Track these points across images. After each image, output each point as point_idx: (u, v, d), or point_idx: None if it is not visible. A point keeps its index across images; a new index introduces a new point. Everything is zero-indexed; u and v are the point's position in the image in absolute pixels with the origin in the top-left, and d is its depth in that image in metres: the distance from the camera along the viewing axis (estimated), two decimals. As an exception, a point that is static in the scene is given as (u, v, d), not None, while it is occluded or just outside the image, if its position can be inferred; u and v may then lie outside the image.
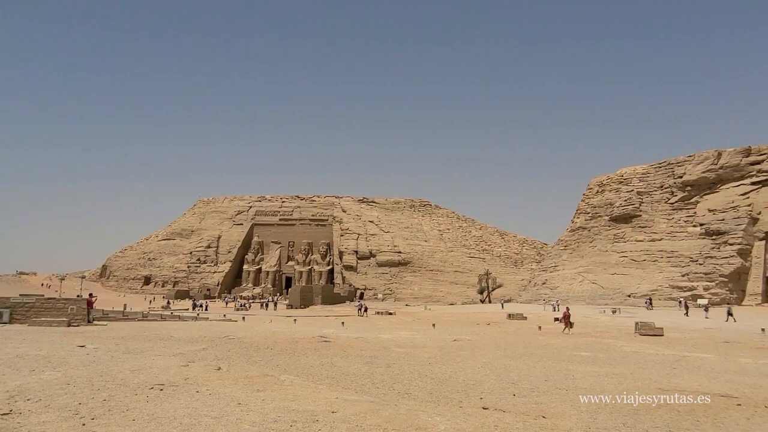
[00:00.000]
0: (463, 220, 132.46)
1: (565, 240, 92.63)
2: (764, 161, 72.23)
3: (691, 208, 76.54)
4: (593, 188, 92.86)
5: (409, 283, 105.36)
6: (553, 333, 34.22)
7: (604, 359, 21.54)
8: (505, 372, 17.71)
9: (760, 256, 66.00)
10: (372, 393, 13.75)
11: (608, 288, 73.75)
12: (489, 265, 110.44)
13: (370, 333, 33.17)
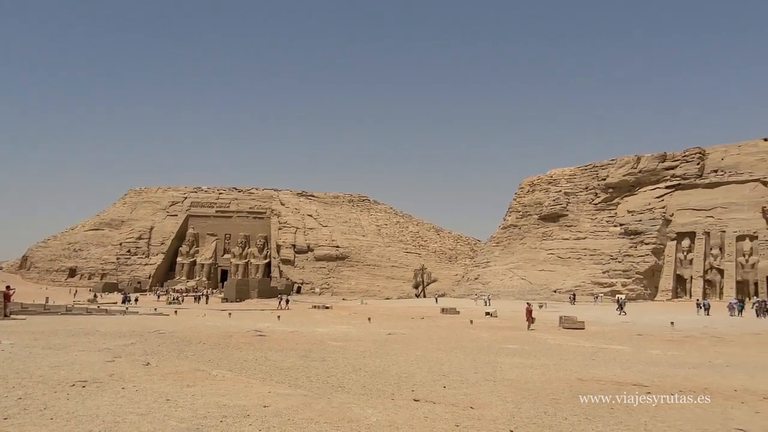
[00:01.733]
0: (401, 215, 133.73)
1: (497, 237, 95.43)
2: (678, 167, 77.16)
3: (612, 208, 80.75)
4: (525, 188, 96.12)
5: (347, 277, 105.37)
6: (484, 326, 35.19)
7: (530, 351, 22.36)
8: (437, 365, 18.04)
9: (672, 255, 70.52)
10: (306, 387, 13.67)
11: (536, 283, 76.62)
12: (425, 260, 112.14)
13: (306, 327, 32.93)
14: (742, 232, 66.38)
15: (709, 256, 68.04)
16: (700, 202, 72.41)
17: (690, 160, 76.39)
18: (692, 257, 69.05)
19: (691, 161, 76.27)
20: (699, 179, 74.64)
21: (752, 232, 65.70)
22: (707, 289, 66.30)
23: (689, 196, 73.97)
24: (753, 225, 66.28)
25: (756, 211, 66.74)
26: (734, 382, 15.21)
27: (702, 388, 14.20)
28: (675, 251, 70.49)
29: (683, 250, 70.19)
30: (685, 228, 71.05)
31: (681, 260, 70.09)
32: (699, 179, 74.64)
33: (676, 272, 69.71)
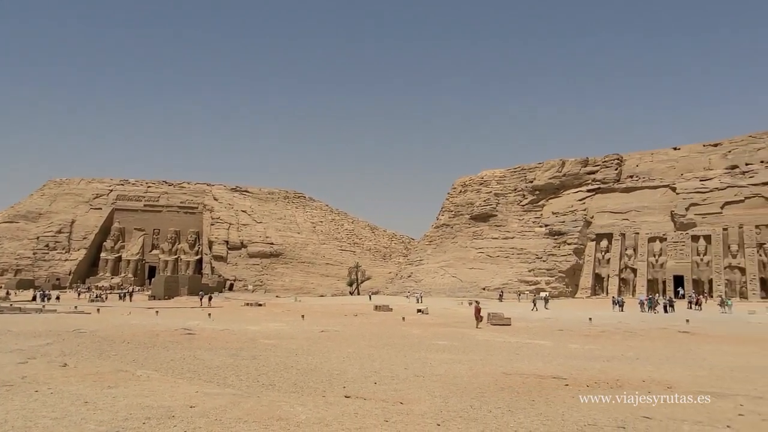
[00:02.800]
0: (336, 213, 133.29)
1: (430, 236, 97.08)
2: (598, 171, 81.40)
3: (538, 210, 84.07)
4: (457, 188, 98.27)
5: (281, 274, 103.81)
6: (416, 323, 35.71)
7: (459, 347, 22.92)
8: (368, 361, 18.14)
9: (591, 254, 74.32)
10: (235, 386, 13.38)
11: (466, 281, 78.56)
12: (359, 258, 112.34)
13: (238, 325, 32.21)
14: (653, 234, 70.92)
15: (624, 256, 72.20)
16: (617, 205, 76.73)
17: (609, 166, 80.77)
18: (609, 257, 73.04)
19: (610, 167, 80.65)
20: (617, 184, 79.07)
21: (662, 234, 70.34)
22: (622, 287, 70.33)
23: (608, 200, 78.22)
24: (663, 228, 70.97)
25: (666, 214, 71.52)
26: (642, 373, 16.25)
27: (614, 379, 15.07)
28: (594, 251, 74.34)
29: (601, 250, 74.13)
30: (604, 229, 75.06)
31: (599, 260, 73.99)
32: (617, 184, 79.07)
33: (595, 271, 73.53)
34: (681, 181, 72.87)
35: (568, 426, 10.05)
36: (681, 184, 72.35)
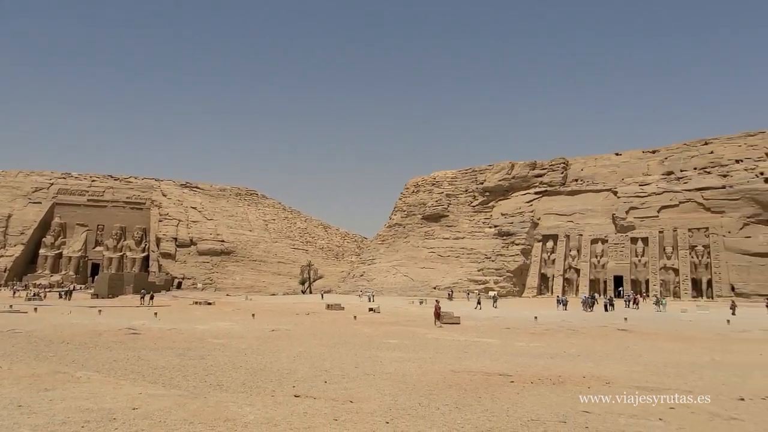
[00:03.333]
0: (289, 211, 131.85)
1: (383, 235, 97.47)
2: (545, 174, 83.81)
3: (488, 211, 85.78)
4: (410, 188, 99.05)
5: (231, 272, 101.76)
6: (367, 322, 35.74)
7: (410, 345, 23.10)
8: (319, 360, 18.04)
9: (538, 255, 76.46)
10: (181, 386, 13.02)
11: (418, 280, 79.28)
12: (312, 256, 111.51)
13: (186, 324, 31.37)
14: (596, 236, 73.66)
15: (569, 257, 74.65)
16: (563, 207, 79.26)
17: (555, 169, 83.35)
18: (554, 258, 75.34)
19: (556, 170, 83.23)
20: (562, 187, 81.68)
21: (604, 236, 73.15)
22: (566, 287, 72.71)
23: (554, 202, 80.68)
24: (604, 230, 73.81)
25: (607, 217, 74.42)
26: (583, 369, 16.84)
27: (557, 375, 15.55)
28: (541, 252, 76.53)
29: (547, 250, 76.38)
30: (550, 231, 77.38)
31: (545, 260, 76.22)
32: (562, 187, 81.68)
33: (541, 271, 75.71)
34: (622, 185, 75.97)
35: (513, 421, 10.30)
36: (622, 188, 75.42)
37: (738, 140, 71.80)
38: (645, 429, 9.83)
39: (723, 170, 69.33)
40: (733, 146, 71.42)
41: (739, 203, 65.48)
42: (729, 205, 66.04)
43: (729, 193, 66.39)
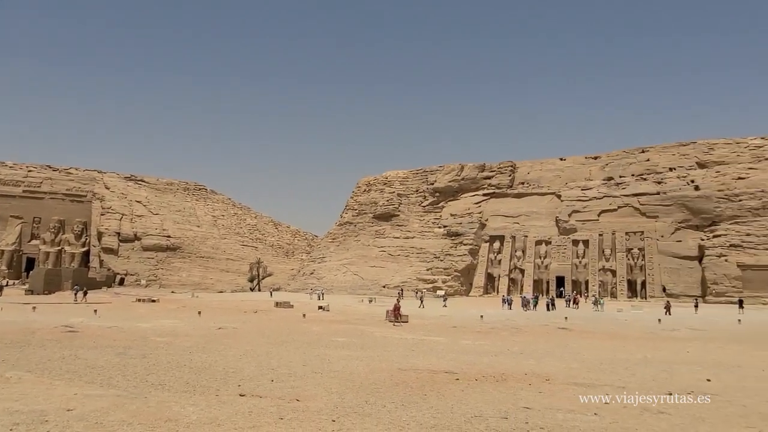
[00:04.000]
0: (239, 207, 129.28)
1: (334, 233, 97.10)
2: (494, 176, 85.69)
3: (438, 211, 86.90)
4: (362, 187, 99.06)
5: (177, 269, 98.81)
6: (317, 320, 35.52)
7: (358, 344, 23.11)
8: (266, 359, 17.78)
9: (485, 255, 78.11)
10: (121, 386, 12.54)
11: (367, 279, 79.44)
12: (261, 253, 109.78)
13: (127, 322, 30.26)
14: (540, 237, 75.96)
15: (514, 258, 76.63)
16: (510, 209, 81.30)
17: (503, 172, 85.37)
18: (501, 258, 77.18)
19: (504, 173, 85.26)
20: (510, 189, 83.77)
21: (547, 238, 75.52)
22: (511, 287, 74.61)
23: (501, 204, 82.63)
24: (548, 232, 76.21)
25: (551, 220, 76.87)
26: (525, 366, 17.32)
27: (500, 373, 15.93)
28: (488, 252, 78.21)
29: (494, 251, 78.14)
30: (497, 232, 79.20)
31: (492, 260, 77.94)
32: (510, 189, 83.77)
33: (488, 271, 77.38)
34: (565, 189, 78.60)
35: (457, 418, 10.48)
36: (565, 192, 78.04)
37: (672, 149, 75.61)
38: (581, 423, 10.21)
39: (658, 177, 72.88)
40: (668, 155, 75.15)
41: (671, 209, 69.01)
42: (662, 210, 69.51)
43: (662, 199, 69.87)
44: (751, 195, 64.14)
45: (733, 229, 63.44)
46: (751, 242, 61.45)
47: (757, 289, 59.06)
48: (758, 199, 63.49)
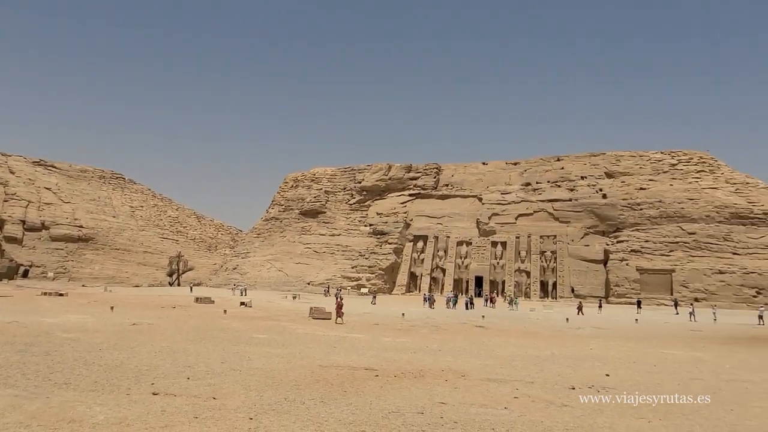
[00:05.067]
0: (159, 198, 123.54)
1: (259, 228, 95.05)
2: (420, 177, 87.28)
3: (364, 210, 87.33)
4: (289, 182, 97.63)
5: (90, 261, 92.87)
6: (238, 316, 34.61)
7: (279, 341, 22.76)
8: (183, 356, 17.12)
9: (409, 254, 79.40)
10: (20, 386, 11.63)
11: (292, 276, 78.45)
12: (182, 247, 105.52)
13: (31, 316, 28.06)
14: (461, 238, 78.30)
15: (436, 257, 78.52)
16: (434, 210, 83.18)
17: (429, 174, 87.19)
18: (424, 257, 78.80)
19: (429, 174, 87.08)
20: (434, 191, 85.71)
21: (468, 239, 77.98)
22: (432, 285, 76.38)
23: (425, 205, 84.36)
24: (469, 233, 78.71)
25: (472, 221, 79.44)
26: (443, 363, 17.79)
27: (418, 369, 16.26)
28: (411, 251, 79.59)
29: (417, 250, 79.65)
30: (421, 232, 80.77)
31: (415, 259, 79.41)
32: (434, 191, 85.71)
33: (411, 269, 78.75)
34: (486, 192, 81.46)
35: (375, 414, 10.59)
36: (486, 195, 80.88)
37: (584, 159, 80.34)
38: (492, 417, 10.63)
39: (571, 185, 77.19)
40: (580, 164, 79.78)
41: (581, 215, 73.33)
42: (574, 216, 73.71)
43: (574, 205, 74.11)
44: (651, 204, 69.39)
45: (634, 236, 68.35)
46: (649, 248, 66.49)
47: (652, 291, 64.00)
48: (656, 209, 68.79)
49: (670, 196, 68.93)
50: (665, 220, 67.71)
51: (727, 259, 62.20)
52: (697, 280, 62.07)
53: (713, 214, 65.51)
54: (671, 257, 64.74)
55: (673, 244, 65.59)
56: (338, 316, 32.87)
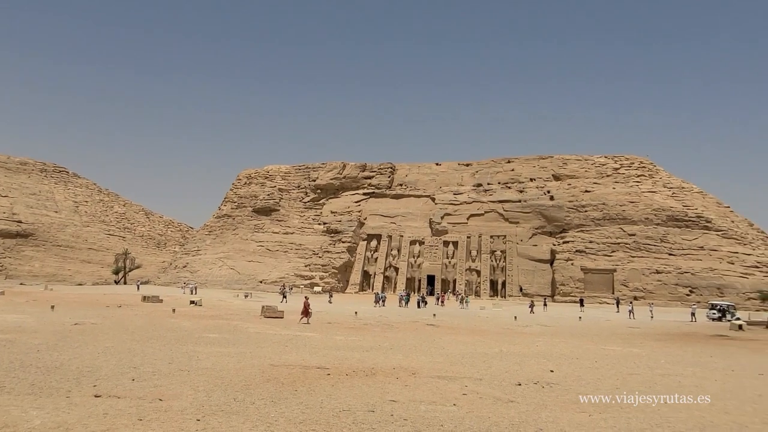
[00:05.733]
0: (106, 194, 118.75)
1: (211, 225, 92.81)
2: (374, 177, 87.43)
3: (319, 208, 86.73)
4: (242, 179, 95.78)
5: (29, 258, 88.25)
6: (187, 315, 33.69)
7: (230, 340, 22.30)
8: (128, 356, 16.53)
9: (362, 253, 79.43)
10: (-52, 390, 10.92)
11: (244, 274, 77.03)
12: (130, 244, 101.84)
13: (-39, 316, 26.40)
14: (414, 237, 78.97)
15: (389, 256, 78.87)
16: (387, 209, 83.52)
17: (383, 173, 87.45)
18: (377, 256, 78.99)
19: (384, 174, 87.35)
20: (388, 190, 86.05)
21: (421, 238, 78.74)
22: (385, 284, 76.69)
23: (380, 204, 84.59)
24: (422, 232, 79.48)
25: (425, 221, 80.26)
26: (394, 361, 17.89)
27: (370, 367, 16.30)
28: (365, 250, 79.63)
29: (371, 249, 79.77)
30: (374, 231, 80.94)
31: (368, 258, 79.51)
32: (388, 190, 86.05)
33: (364, 268, 78.79)
34: (439, 192, 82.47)
35: (326, 412, 10.54)
36: (439, 195, 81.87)
37: (533, 161, 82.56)
38: (441, 414, 10.78)
39: (520, 186, 79.18)
40: (529, 166, 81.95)
41: (530, 216, 75.33)
42: (523, 217, 75.64)
43: (523, 206, 76.05)
44: (594, 207, 72.06)
45: (579, 237, 70.78)
46: (593, 248, 69.04)
47: (595, 290, 66.48)
48: (600, 211, 71.49)
49: (613, 199, 71.79)
50: (608, 221, 70.46)
51: (664, 259, 65.33)
52: (636, 280, 64.89)
53: (652, 216, 68.67)
54: (613, 257, 67.43)
55: (614, 245, 68.33)
56: (305, 316, 31.96)
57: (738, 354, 23.91)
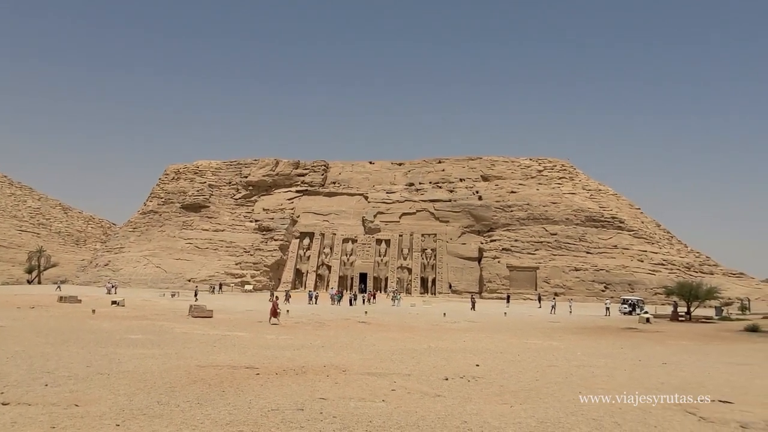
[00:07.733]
0: (18, 187, 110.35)
1: (135, 222, 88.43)
2: (307, 174, 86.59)
3: (251, 205, 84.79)
4: (170, 174, 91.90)
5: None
6: (108, 316, 31.95)
7: (155, 341, 21.40)
8: (41, 360, 15.49)
9: (295, 251, 78.49)
10: None
11: (171, 272, 74.03)
12: (45, 241, 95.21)
13: None
14: (347, 236, 78.97)
15: (322, 254, 78.41)
16: (321, 207, 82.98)
17: (317, 171, 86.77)
18: (310, 254, 78.30)
19: (317, 171, 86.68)
20: (321, 188, 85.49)
21: (354, 236, 78.85)
22: (318, 282, 76.18)
23: (313, 202, 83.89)
24: (355, 231, 79.61)
25: (358, 219, 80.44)
26: (325, 359, 17.86)
27: (300, 366, 16.18)
28: (297, 248, 78.69)
29: (304, 247, 78.95)
30: (307, 228, 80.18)
31: (301, 256, 78.64)
32: (321, 188, 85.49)
33: (296, 266, 77.86)
34: (372, 191, 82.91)
35: (254, 412, 10.37)
36: (372, 194, 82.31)
37: (463, 162, 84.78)
38: (370, 410, 10.89)
39: (450, 186, 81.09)
40: (459, 167, 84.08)
41: (459, 215, 77.33)
42: (452, 216, 77.52)
43: (453, 206, 77.95)
44: (520, 207, 75.05)
45: (505, 235, 73.45)
46: (518, 247, 71.88)
47: (520, 287, 69.26)
48: (524, 211, 74.54)
49: (537, 199, 75.07)
50: (532, 221, 73.60)
51: (582, 257, 69.12)
52: (557, 277, 68.22)
53: (572, 217, 72.44)
54: (536, 255, 70.51)
55: (538, 244, 71.48)
56: (273, 316, 31.02)
57: (645, 345, 25.73)
